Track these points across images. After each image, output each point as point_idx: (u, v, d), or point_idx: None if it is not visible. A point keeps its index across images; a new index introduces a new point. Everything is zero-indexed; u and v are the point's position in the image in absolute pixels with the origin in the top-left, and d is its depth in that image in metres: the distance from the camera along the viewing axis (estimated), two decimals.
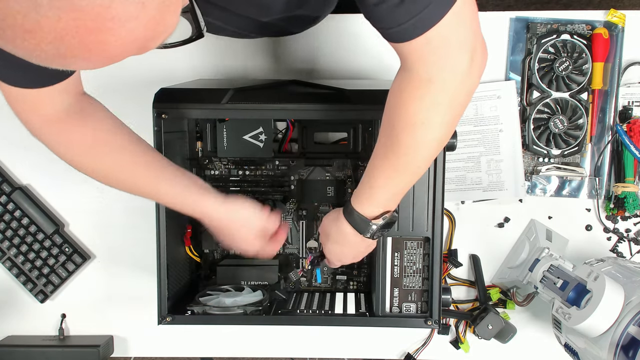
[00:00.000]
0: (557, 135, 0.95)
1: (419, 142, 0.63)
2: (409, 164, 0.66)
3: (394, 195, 0.70)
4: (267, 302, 0.84)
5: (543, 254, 0.90)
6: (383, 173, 0.67)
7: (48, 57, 0.37)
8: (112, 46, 0.38)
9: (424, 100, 0.60)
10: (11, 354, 0.98)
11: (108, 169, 0.72)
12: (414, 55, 0.58)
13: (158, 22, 0.39)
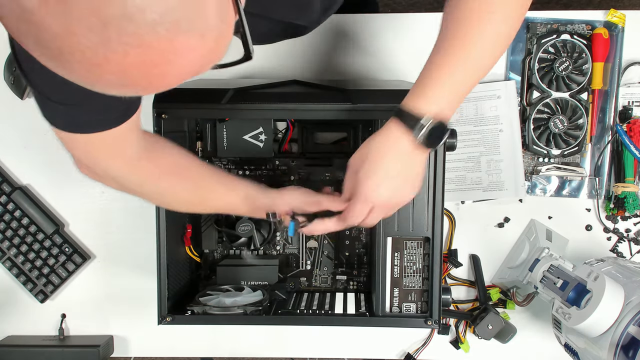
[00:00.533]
0: (557, 135, 0.95)
1: (495, 33, 0.60)
2: (473, 56, 0.60)
3: (453, 95, 0.62)
4: (267, 302, 0.84)
5: (543, 254, 0.90)
6: (443, 68, 0.61)
7: (109, 85, 0.39)
8: (171, 76, 0.39)
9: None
10: (11, 354, 0.98)
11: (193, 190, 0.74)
12: None
13: (214, 51, 0.41)
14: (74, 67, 0.37)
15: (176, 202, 0.75)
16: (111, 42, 0.35)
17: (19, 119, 1.01)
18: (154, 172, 0.70)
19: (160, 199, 0.75)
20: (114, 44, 0.35)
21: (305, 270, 0.96)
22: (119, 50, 0.35)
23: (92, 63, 0.36)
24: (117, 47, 0.35)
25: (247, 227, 0.90)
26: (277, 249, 0.96)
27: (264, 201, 0.74)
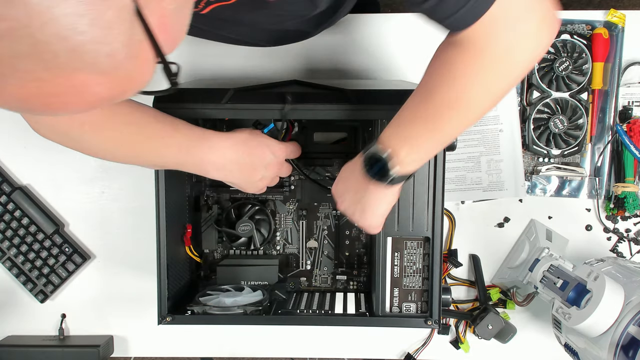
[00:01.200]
0: (557, 135, 0.95)
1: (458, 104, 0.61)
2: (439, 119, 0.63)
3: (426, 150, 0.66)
4: (267, 302, 0.84)
5: (543, 254, 0.90)
6: (412, 112, 0.64)
7: (16, 110, 0.40)
8: (75, 105, 0.39)
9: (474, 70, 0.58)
10: (11, 354, 0.98)
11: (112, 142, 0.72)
12: (470, 36, 0.56)
13: (125, 84, 0.41)
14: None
15: (110, 146, 0.72)
16: (6, 76, 0.35)
17: (19, 119, 1.01)
18: (79, 120, 0.69)
19: (90, 145, 0.72)
20: (9, 77, 0.35)
21: (305, 270, 0.96)
22: (14, 83, 0.36)
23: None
24: (12, 80, 0.36)
25: (247, 227, 0.90)
26: (277, 249, 0.96)
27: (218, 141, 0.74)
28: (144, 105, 0.73)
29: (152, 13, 0.40)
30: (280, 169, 0.82)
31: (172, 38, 0.44)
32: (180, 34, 0.46)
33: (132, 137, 0.72)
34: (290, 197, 0.94)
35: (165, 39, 0.43)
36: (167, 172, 0.81)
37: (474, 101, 0.60)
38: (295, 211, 0.95)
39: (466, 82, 0.59)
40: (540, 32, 0.56)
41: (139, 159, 0.75)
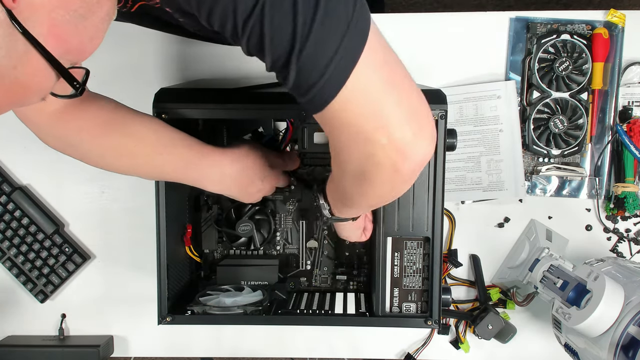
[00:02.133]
0: (557, 135, 0.95)
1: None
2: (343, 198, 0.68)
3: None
4: (267, 302, 0.84)
5: (543, 254, 0.90)
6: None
7: None
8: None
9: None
10: (11, 354, 0.98)
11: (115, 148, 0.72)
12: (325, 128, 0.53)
13: (19, 91, 0.43)
14: None
15: (106, 154, 0.72)
16: None
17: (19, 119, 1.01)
18: (74, 124, 0.69)
19: (86, 151, 0.73)
20: None
21: (305, 270, 0.96)
22: None
23: None
24: None
25: (247, 227, 0.90)
26: (277, 249, 0.96)
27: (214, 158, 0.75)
28: (143, 115, 0.73)
29: (39, 24, 0.41)
30: (278, 181, 0.83)
31: (73, 46, 0.45)
32: (87, 41, 0.47)
33: (130, 149, 0.71)
34: (290, 197, 0.94)
35: (63, 47, 0.44)
36: None
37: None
38: (295, 211, 0.95)
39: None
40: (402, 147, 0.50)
41: (137, 171, 0.74)
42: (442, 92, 0.79)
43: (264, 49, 0.46)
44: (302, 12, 0.44)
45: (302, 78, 0.47)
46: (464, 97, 0.96)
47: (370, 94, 0.48)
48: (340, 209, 0.72)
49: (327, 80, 0.46)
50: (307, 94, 0.48)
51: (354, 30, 0.46)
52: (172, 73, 0.99)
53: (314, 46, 0.45)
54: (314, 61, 0.46)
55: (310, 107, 0.49)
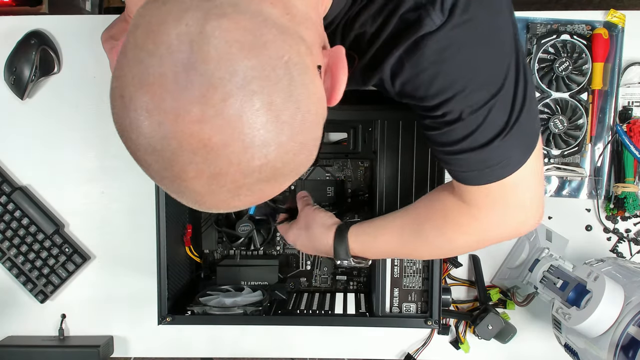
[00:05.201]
0: (557, 136, 0.95)
1: (438, 247, 0.69)
2: (415, 250, 0.72)
3: (382, 254, 0.77)
4: (267, 302, 0.84)
5: (543, 254, 0.90)
6: (391, 236, 0.71)
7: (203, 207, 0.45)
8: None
9: (464, 228, 0.65)
10: (11, 354, 0.98)
11: None
12: (469, 196, 0.62)
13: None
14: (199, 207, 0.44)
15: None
16: (239, 196, 0.42)
17: (19, 120, 1.01)
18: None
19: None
20: (241, 196, 0.42)
21: (305, 270, 0.96)
22: (242, 199, 0.43)
23: (217, 207, 0.44)
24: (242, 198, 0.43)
25: (247, 227, 0.90)
26: (277, 249, 0.96)
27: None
28: None
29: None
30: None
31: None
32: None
33: None
34: (290, 197, 0.94)
35: None
36: None
37: (453, 250, 0.72)
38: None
39: (466, 244, 0.67)
40: (523, 227, 0.64)
41: None
42: None
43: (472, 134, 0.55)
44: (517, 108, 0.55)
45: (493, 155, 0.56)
46: None
47: (531, 181, 0.60)
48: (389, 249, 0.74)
49: (510, 160, 0.57)
50: (489, 167, 0.57)
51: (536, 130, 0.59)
52: None
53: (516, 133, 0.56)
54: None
55: (481, 178, 0.58)
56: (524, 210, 0.62)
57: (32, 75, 0.97)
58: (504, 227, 0.63)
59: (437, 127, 0.56)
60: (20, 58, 0.97)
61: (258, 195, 0.42)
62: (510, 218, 0.62)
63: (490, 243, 0.67)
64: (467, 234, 0.65)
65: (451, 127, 0.55)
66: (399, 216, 0.72)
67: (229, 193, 0.41)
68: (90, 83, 1.00)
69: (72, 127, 1.01)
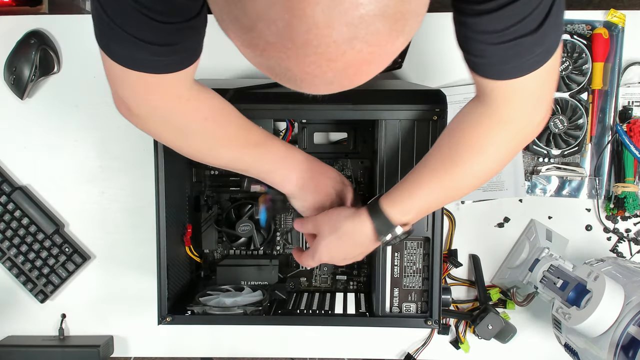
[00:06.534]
0: (557, 135, 0.95)
1: (477, 170, 0.66)
2: (458, 186, 0.68)
3: (426, 210, 0.72)
4: (267, 302, 0.84)
5: (543, 254, 0.90)
6: (428, 185, 0.68)
7: (316, 83, 0.40)
8: (369, 75, 0.41)
9: (497, 136, 0.64)
10: (11, 354, 0.98)
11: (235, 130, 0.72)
12: (502, 95, 0.60)
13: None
14: (303, 61, 0.37)
15: (218, 144, 0.72)
16: (356, 40, 0.36)
17: (19, 119, 1.01)
18: (201, 110, 0.69)
19: (203, 141, 0.72)
20: (357, 41, 0.36)
21: (305, 270, 0.96)
22: (357, 47, 0.37)
23: (327, 58, 0.37)
24: (357, 45, 0.36)
25: (247, 227, 0.90)
26: (277, 249, 0.96)
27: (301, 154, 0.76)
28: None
29: None
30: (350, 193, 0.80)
31: None
32: None
33: (241, 141, 0.72)
34: None
35: None
36: (167, 172, 0.81)
37: (496, 167, 0.68)
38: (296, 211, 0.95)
39: (506, 157, 0.66)
40: (544, 121, 0.64)
41: (238, 163, 0.74)
42: (442, 92, 0.79)
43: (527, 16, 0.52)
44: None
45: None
46: (464, 97, 0.96)
47: (555, 72, 0.60)
48: (426, 211, 0.72)
49: (551, 45, 0.56)
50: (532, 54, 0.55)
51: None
52: None
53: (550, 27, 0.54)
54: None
55: (523, 68, 0.56)
56: (548, 103, 0.62)
57: (31, 75, 0.97)
58: (532, 125, 0.63)
59: (488, 11, 0.52)
60: (20, 58, 0.97)
61: (371, 48, 0.37)
62: (538, 113, 0.62)
63: (520, 148, 0.67)
64: (504, 143, 0.64)
65: (506, 9, 0.51)
66: (426, 164, 0.69)
67: (347, 29, 0.35)
68: (90, 83, 1.00)
69: (72, 127, 1.01)
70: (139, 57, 0.57)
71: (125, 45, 0.55)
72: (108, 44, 0.57)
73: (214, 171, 0.94)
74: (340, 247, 0.73)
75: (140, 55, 0.57)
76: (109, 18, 0.54)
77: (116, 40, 0.55)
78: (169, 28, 0.55)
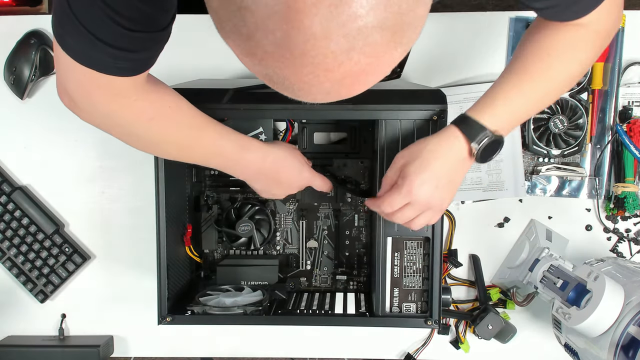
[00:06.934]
0: (557, 135, 0.95)
1: (570, 74, 0.69)
2: (541, 89, 0.68)
3: (515, 117, 0.69)
4: (267, 302, 0.84)
5: (543, 254, 0.90)
6: (513, 90, 0.67)
7: (313, 92, 0.40)
8: (367, 85, 0.41)
9: (590, 44, 0.66)
10: (11, 354, 0.98)
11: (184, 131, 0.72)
12: (588, 18, 0.64)
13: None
14: (300, 71, 0.38)
15: (164, 143, 0.72)
16: (354, 51, 0.36)
17: (19, 119, 1.01)
18: (147, 111, 0.68)
19: (148, 140, 0.72)
20: (355, 52, 0.36)
21: (305, 270, 0.96)
22: (354, 58, 0.37)
23: (324, 68, 0.37)
24: (354, 56, 0.37)
25: (247, 227, 0.90)
26: (277, 249, 0.96)
27: (256, 154, 0.75)
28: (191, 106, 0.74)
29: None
30: (314, 178, 0.83)
31: None
32: None
33: (194, 139, 0.73)
34: (290, 197, 0.94)
35: None
36: (167, 172, 0.81)
37: (582, 72, 0.70)
38: (295, 211, 0.95)
39: (586, 58, 0.67)
40: (618, 24, 0.68)
41: (191, 158, 0.75)
42: (442, 92, 0.79)
43: None
44: None
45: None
46: (464, 97, 0.96)
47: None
48: (521, 120, 0.71)
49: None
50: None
51: None
52: (171, 73, 0.99)
53: None
54: None
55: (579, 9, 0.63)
56: (621, 3, 0.66)
57: (31, 75, 0.97)
58: (615, 28, 0.68)
59: None
60: (20, 58, 0.97)
61: (369, 59, 0.37)
62: (618, 14, 0.66)
63: (603, 48, 0.69)
64: (593, 49, 0.67)
65: None
66: (518, 69, 0.68)
67: (345, 40, 0.35)
68: None
69: (72, 127, 1.01)
70: (93, 55, 0.57)
71: (82, 40, 0.56)
72: (64, 35, 0.57)
73: (214, 171, 0.94)
74: (431, 171, 0.66)
75: (94, 54, 0.57)
76: (71, 11, 0.54)
77: (73, 33, 0.56)
78: (132, 35, 0.55)
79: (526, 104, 0.68)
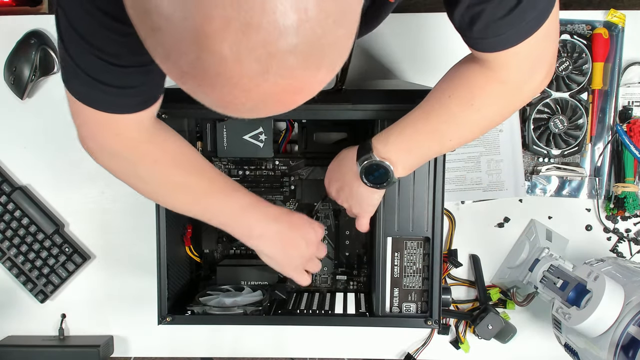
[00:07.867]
0: (557, 135, 0.95)
1: (468, 123, 0.66)
2: (446, 139, 0.68)
3: (409, 149, 0.70)
4: (267, 302, 0.84)
5: (543, 254, 0.90)
6: (420, 129, 0.68)
7: (239, 109, 0.40)
8: (294, 104, 0.40)
9: (492, 94, 0.63)
10: (11, 354, 0.98)
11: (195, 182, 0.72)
12: (497, 62, 0.61)
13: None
14: (220, 91, 0.37)
15: (169, 189, 0.72)
16: (268, 74, 0.36)
17: (19, 119, 1.01)
18: (150, 155, 0.68)
19: (151, 183, 0.72)
20: (270, 75, 0.36)
21: None
22: (270, 80, 0.36)
23: (242, 89, 0.37)
24: (270, 78, 0.36)
25: None
26: None
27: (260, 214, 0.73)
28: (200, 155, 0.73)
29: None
30: (319, 248, 0.80)
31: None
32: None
33: (199, 187, 0.72)
34: (290, 197, 0.94)
35: None
36: None
37: (485, 122, 0.67)
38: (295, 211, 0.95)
39: (485, 107, 0.65)
40: (545, 80, 0.63)
41: (191, 209, 0.74)
42: None
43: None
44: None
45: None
46: None
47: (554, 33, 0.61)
48: (418, 157, 0.71)
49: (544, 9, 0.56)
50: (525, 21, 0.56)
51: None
52: None
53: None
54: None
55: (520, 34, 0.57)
56: (549, 65, 0.62)
57: (31, 75, 0.97)
58: (530, 85, 0.63)
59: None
60: (20, 58, 0.97)
61: (288, 81, 0.37)
62: (537, 74, 0.62)
63: (516, 108, 0.67)
64: (496, 100, 0.64)
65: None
66: (421, 106, 0.69)
67: (257, 64, 0.35)
68: None
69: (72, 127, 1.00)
70: (93, 95, 0.59)
71: (84, 83, 0.57)
72: (69, 79, 0.59)
73: None
74: (334, 170, 0.78)
75: (94, 93, 0.58)
76: (68, 55, 0.55)
77: (76, 78, 0.57)
78: (124, 71, 0.55)
79: (418, 138, 0.69)
